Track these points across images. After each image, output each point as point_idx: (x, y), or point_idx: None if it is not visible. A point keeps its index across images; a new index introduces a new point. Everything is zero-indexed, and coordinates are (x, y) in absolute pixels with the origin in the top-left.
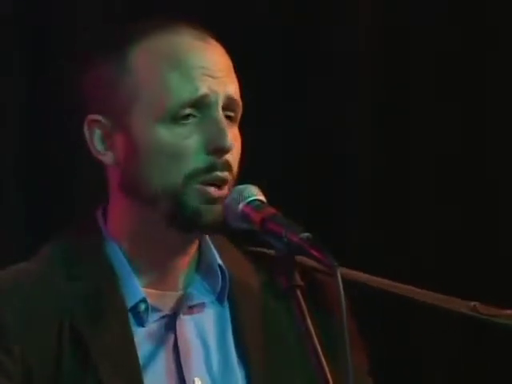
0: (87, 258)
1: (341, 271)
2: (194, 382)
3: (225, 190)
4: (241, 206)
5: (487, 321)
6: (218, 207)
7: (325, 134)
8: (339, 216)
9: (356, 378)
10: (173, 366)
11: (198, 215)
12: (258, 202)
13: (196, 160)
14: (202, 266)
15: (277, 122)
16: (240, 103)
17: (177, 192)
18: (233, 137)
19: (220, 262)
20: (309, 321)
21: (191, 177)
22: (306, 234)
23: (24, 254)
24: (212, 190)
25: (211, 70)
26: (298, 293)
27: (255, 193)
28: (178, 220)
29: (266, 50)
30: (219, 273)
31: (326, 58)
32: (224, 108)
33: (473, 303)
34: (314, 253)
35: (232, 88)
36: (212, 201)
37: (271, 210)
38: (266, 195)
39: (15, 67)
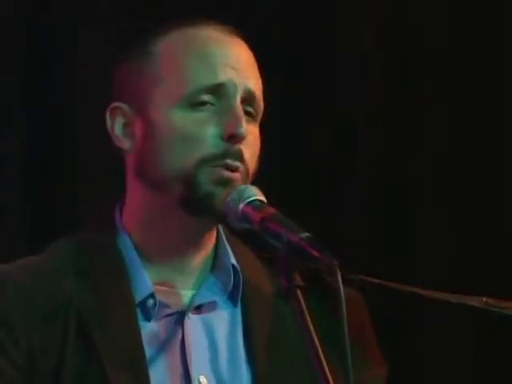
0: (98, 253)
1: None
2: (199, 379)
3: (237, 174)
4: (241, 206)
5: (498, 313)
6: (230, 190)
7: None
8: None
9: None
10: (179, 363)
11: (210, 197)
12: (259, 202)
13: (210, 145)
14: (216, 266)
15: (277, 123)
16: (260, 100)
17: (189, 175)
18: (251, 133)
19: (234, 261)
20: (309, 321)
21: (204, 161)
22: (306, 234)
23: (24, 253)
24: (225, 172)
25: (233, 61)
26: (298, 293)
27: (255, 193)
28: (190, 203)
29: (265, 50)
30: (232, 271)
31: (326, 58)
32: (243, 101)
33: (484, 298)
34: (314, 252)
35: (252, 82)
36: (225, 183)
37: (271, 210)
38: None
39: (15, 67)
